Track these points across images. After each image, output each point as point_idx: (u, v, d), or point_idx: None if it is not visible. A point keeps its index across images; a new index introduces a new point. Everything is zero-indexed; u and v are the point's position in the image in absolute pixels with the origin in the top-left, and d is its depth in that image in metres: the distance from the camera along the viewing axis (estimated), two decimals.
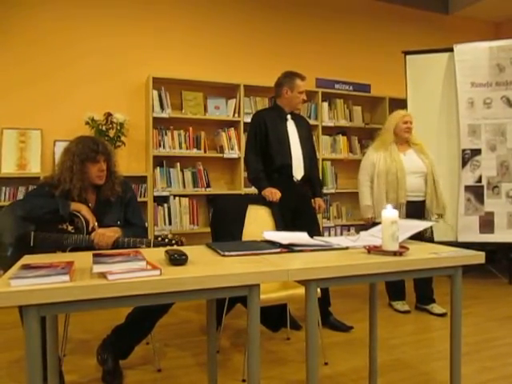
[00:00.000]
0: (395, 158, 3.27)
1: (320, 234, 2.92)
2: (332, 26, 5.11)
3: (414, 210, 3.23)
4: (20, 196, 3.61)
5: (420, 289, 3.43)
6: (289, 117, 3.07)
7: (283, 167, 2.96)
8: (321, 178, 3.64)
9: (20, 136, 3.81)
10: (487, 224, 4.15)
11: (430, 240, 3.15)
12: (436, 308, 3.34)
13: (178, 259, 1.48)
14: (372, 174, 3.33)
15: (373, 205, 3.32)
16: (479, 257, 1.75)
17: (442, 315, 3.24)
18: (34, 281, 1.21)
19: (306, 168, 3.03)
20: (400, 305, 3.40)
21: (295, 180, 2.99)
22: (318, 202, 3.12)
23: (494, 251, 4.50)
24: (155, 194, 4.05)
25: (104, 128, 3.86)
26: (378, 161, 3.30)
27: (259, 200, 2.81)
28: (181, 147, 4.20)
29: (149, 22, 4.29)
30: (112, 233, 2.20)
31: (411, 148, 3.38)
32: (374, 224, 3.28)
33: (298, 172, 3.00)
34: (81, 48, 4.05)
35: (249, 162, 3.02)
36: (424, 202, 3.32)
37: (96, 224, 2.23)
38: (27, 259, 1.60)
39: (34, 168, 3.79)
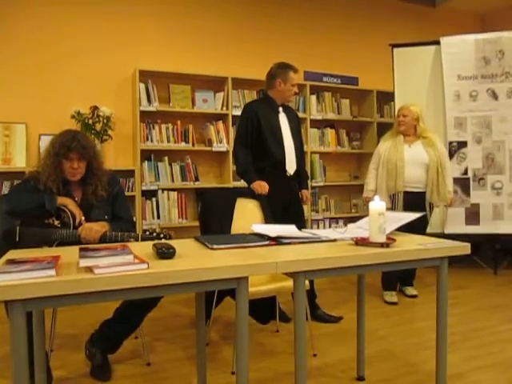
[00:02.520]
0: (398, 149, 3.39)
1: (305, 227, 2.93)
2: (320, 19, 5.09)
3: (414, 200, 3.32)
4: (5, 191, 3.56)
5: (403, 272, 3.55)
6: (280, 109, 3.02)
7: (277, 161, 2.92)
8: (309, 170, 3.64)
9: (4, 130, 3.75)
10: (473, 216, 4.21)
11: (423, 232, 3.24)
12: (408, 290, 3.60)
13: (165, 253, 1.47)
14: (378, 163, 3.51)
15: (374, 189, 3.49)
16: (465, 248, 1.77)
17: (412, 297, 3.53)
18: (20, 275, 1.19)
19: (298, 162, 3.00)
20: (389, 296, 3.46)
21: (288, 174, 2.96)
22: (305, 194, 3.12)
23: (479, 242, 4.56)
24: (143, 188, 4.02)
25: (90, 122, 3.81)
26: (383, 151, 3.47)
27: (248, 193, 2.81)
28: (169, 141, 4.17)
29: (136, 14, 4.23)
30: (99, 227, 2.17)
31: (419, 140, 3.45)
32: None
33: (291, 166, 2.97)
34: (66, 41, 3.98)
35: (238, 155, 2.98)
36: (425, 193, 3.41)
37: (83, 218, 2.21)
38: (12, 254, 1.58)
39: (19, 162, 3.73)
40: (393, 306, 3.35)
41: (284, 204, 2.89)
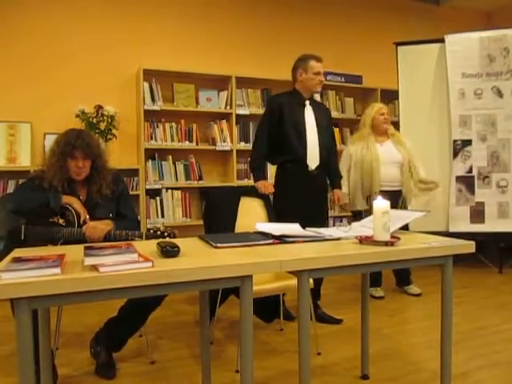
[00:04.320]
0: (371, 149, 3.41)
1: (326, 225, 2.89)
2: (323, 18, 5.08)
3: (390, 199, 3.27)
4: (10, 190, 3.58)
5: (398, 272, 3.65)
6: (307, 103, 2.96)
7: (297, 156, 2.87)
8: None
9: (9, 129, 3.77)
10: (478, 214, 4.19)
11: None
12: (412, 289, 3.59)
13: (170, 251, 1.47)
14: (349, 165, 3.48)
15: (348, 192, 3.46)
16: (469, 246, 1.76)
17: (418, 295, 3.53)
18: (25, 274, 1.20)
19: (321, 157, 2.92)
20: (375, 291, 3.52)
21: (309, 169, 2.89)
22: (337, 193, 3.09)
23: (484, 241, 4.54)
24: (147, 186, 4.03)
25: (95, 121, 3.82)
26: (354, 152, 3.46)
27: (252, 192, 2.81)
28: (173, 140, 4.18)
29: (139, 13, 4.24)
30: (104, 225, 2.18)
31: (389, 139, 3.51)
32: (352, 212, 3.41)
33: (313, 161, 2.89)
34: (70, 40, 4.00)
35: (255, 148, 2.97)
36: (400, 191, 3.46)
37: (87, 217, 2.22)
38: (18, 252, 1.59)
39: (24, 161, 3.75)
40: (395, 304, 3.36)
41: (305, 200, 2.83)
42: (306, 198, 2.86)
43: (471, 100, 4.19)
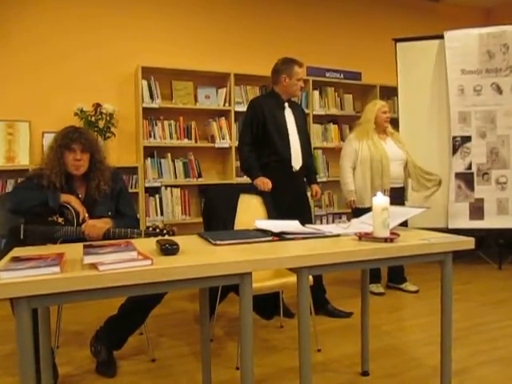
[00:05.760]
0: (378, 146, 3.39)
1: (312, 223, 2.93)
2: (323, 14, 5.07)
3: (395, 195, 3.32)
4: (9, 189, 3.57)
5: (392, 270, 3.65)
6: (286, 105, 3.01)
7: (282, 157, 2.92)
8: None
9: (8, 128, 3.76)
10: (477, 210, 4.19)
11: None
12: (409, 286, 3.59)
13: (169, 249, 1.47)
14: (354, 161, 3.44)
15: (355, 190, 3.44)
16: (469, 243, 1.76)
17: (415, 292, 3.53)
18: (25, 273, 1.20)
19: (303, 158, 2.99)
20: (375, 287, 3.52)
21: (294, 170, 2.95)
22: (315, 188, 3.14)
23: (483, 237, 4.54)
24: (146, 184, 4.03)
25: (93, 119, 3.82)
26: (360, 148, 3.42)
27: (251, 189, 2.81)
28: (171, 137, 4.17)
29: (138, 11, 4.23)
30: (103, 224, 2.18)
31: (389, 137, 3.53)
32: (357, 209, 3.40)
33: (297, 162, 2.96)
34: (69, 38, 3.98)
35: (242, 151, 2.98)
36: (402, 188, 3.51)
37: (86, 215, 2.21)
38: (17, 252, 1.59)
39: (23, 160, 3.74)
40: (394, 301, 3.37)
41: (290, 200, 2.87)
42: (293, 196, 2.91)
43: (470, 96, 4.18)
